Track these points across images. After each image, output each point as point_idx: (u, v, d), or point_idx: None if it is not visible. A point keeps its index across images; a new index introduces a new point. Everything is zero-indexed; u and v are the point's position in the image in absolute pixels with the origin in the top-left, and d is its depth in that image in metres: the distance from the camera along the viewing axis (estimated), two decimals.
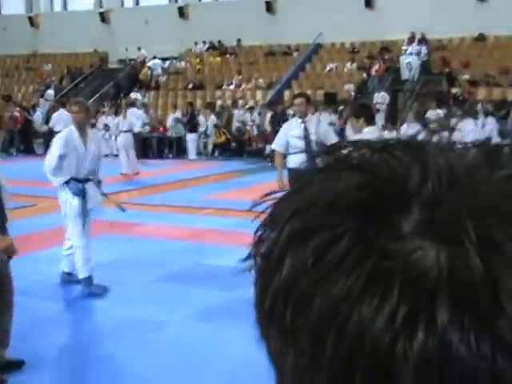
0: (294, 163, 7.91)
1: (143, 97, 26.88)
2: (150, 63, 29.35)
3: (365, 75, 25.15)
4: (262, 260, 0.48)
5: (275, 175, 8.45)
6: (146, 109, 24.39)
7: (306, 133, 8.39)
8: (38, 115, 25.84)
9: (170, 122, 23.66)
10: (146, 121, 22.96)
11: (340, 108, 21.22)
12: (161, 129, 23.73)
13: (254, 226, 0.50)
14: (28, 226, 9.86)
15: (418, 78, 24.36)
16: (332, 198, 0.45)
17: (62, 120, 17.94)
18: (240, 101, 24.86)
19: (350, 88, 24.40)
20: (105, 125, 22.38)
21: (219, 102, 24.88)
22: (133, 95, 26.83)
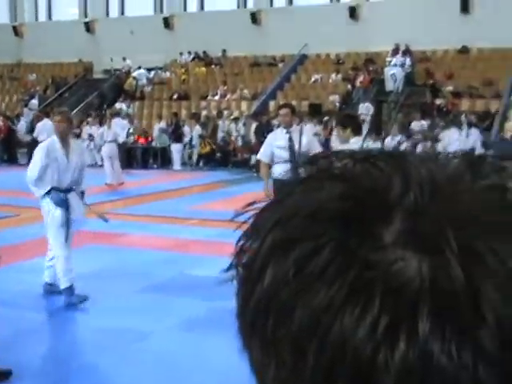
0: (279, 173, 7.91)
1: (128, 107, 26.83)
2: (135, 73, 29.32)
3: (349, 86, 25.25)
4: (244, 270, 0.48)
5: (260, 185, 8.45)
6: (130, 119, 24.36)
7: (291, 143, 8.40)
8: (21, 125, 25.73)
9: (155, 133, 23.63)
10: (131, 131, 22.92)
11: (325, 119, 21.30)
12: (144, 139, 23.63)
13: (237, 237, 0.50)
14: (11, 237, 9.80)
15: (402, 90, 24.50)
16: (314, 209, 0.45)
17: (46, 130, 17.86)
18: (225, 111, 24.89)
19: (335, 99, 24.50)
20: (89, 135, 22.34)
21: (204, 113, 24.90)
22: (118, 105, 26.78)
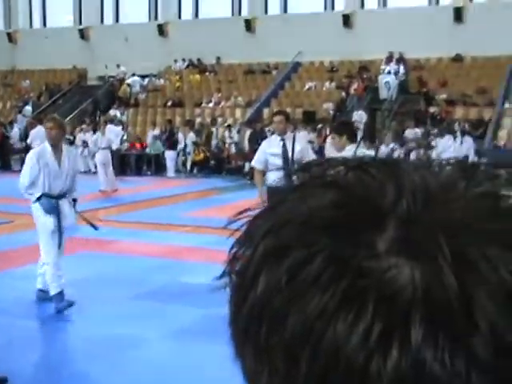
0: (273, 180, 7.89)
1: (122, 114, 26.81)
2: (129, 80, 29.29)
3: (343, 94, 25.28)
4: (237, 277, 0.48)
5: (254, 193, 8.44)
6: (124, 126, 24.34)
7: (285, 150, 8.40)
8: (15, 131, 25.67)
9: (148, 139, 23.61)
10: (125, 138, 22.90)
11: (319, 126, 21.32)
12: (138, 145, 23.61)
13: (230, 243, 0.50)
14: (4, 243, 9.76)
15: (396, 97, 24.54)
16: (307, 216, 0.45)
17: (40, 137, 17.76)
18: (219, 119, 24.89)
19: (329, 107, 24.52)
20: (83, 141, 22.31)
21: (198, 120, 24.89)
22: (112, 112, 26.75)
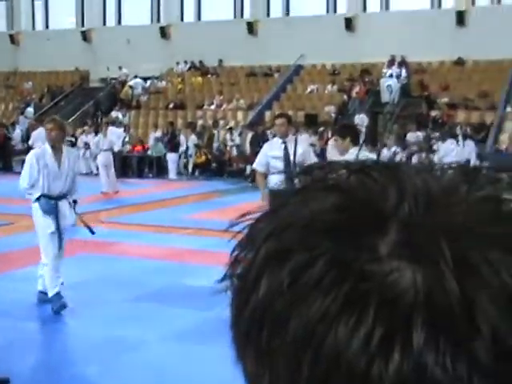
0: (275, 184, 7.88)
1: (124, 116, 26.82)
2: (131, 82, 29.32)
3: (345, 97, 25.29)
4: (239, 280, 0.48)
5: (256, 195, 8.44)
6: (125, 128, 24.35)
7: (286, 153, 8.38)
8: (17, 133, 25.70)
9: (150, 142, 23.61)
10: (127, 140, 22.91)
11: (320, 129, 21.32)
12: (140, 147, 23.59)
13: (232, 246, 0.50)
14: (5, 245, 9.76)
15: (397, 101, 24.54)
16: (309, 220, 0.45)
17: (41, 138, 17.77)
18: (221, 121, 24.89)
19: (331, 110, 24.52)
20: (85, 143, 22.33)
21: (200, 122, 24.89)
22: (113, 114, 26.78)
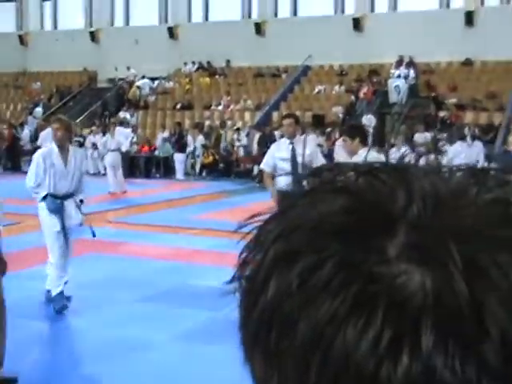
0: (283, 185, 7.86)
1: (131, 116, 26.86)
2: (139, 83, 29.36)
3: (353, 98, 25.24)
4: (247, 282, 0.48)
5: (263, 196, 8.42)
6: (133, 128, 24.38)
7: (293, 154, 8.35)
8: (25, 133, 25.78)
9: (158, 142, 23.64)
10: (134, 140, 22.94)
11: (328, 130, 21.29)
12: (147, 147, 23.59)
13: (240, 247, 0.50)
14: (13, 244, 9.76)
15: (405, 101, 24.47)
16: (317, 222, 0.45)
17: (49, 138, 17.80)
18: (228, 122, 24.89)
19: (338, 110, 24.48)
20: (93, 144, 22.38)
21: (207, 123, 24.89)
22: (121, 114, 26.82)
